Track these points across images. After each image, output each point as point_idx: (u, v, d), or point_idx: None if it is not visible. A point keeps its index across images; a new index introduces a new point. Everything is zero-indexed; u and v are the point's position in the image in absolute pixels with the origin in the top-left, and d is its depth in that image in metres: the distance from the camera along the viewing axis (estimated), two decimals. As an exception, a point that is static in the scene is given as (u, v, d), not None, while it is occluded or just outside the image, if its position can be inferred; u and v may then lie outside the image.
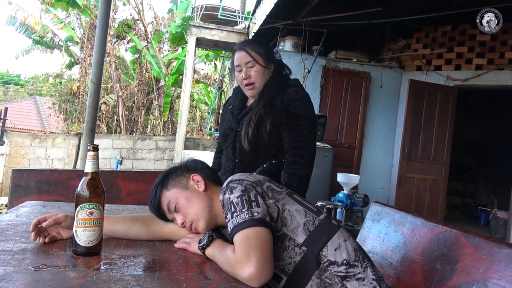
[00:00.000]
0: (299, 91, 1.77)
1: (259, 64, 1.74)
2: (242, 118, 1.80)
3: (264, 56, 1.76)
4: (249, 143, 1.70)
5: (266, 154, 1.74)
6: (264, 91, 1.76)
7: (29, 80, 26.93)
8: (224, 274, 1.03)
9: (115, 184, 2.20)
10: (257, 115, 1.70)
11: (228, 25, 7.81)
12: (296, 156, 1.70)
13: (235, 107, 1.87)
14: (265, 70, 1.77)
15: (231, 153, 1.82)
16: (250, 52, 1.75)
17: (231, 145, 1.82)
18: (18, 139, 9.03)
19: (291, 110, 1.71)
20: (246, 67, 1.75)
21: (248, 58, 1.74)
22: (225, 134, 1.88)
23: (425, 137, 5.99)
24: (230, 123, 1.86)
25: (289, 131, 1.72)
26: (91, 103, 3.85)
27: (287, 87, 1.77)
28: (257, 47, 1.78)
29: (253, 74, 1.74)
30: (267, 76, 1.77)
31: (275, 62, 1.81)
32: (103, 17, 3.85)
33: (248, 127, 1.70)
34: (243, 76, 1.76)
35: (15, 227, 1.27)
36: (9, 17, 11.10)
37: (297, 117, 1.71)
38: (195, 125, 13.66)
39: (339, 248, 1.13)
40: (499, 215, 5.70)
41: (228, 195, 1.13)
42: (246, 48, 1.76)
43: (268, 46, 1.87)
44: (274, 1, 5.08)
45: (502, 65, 5.73)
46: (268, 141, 1.70)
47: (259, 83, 1.76)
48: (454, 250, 1.24)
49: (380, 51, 6.58)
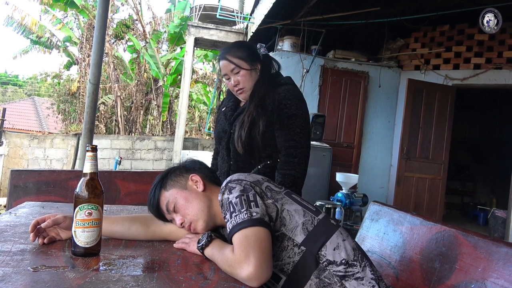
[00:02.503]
0: (290, 89, 1.76)
1: (244, 68, 1.73)
2: (235, 119, 1.79)
3: (246, 59, 1.74)
4: (242, 145, 1.69)
5: (261, 155, 1.74)
6: (255, 91, 1.75)
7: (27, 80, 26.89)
8: (223, 274, 1.03)
9: (114, 185, 2.19)
10: (250, 117, 1.69)
11: (227, 25, 7.81)
12: (289, 156, 1.69)
13: (228, 108, 1.86)
14: (252, 72, 1.75)
15: (226, 155, 1.81)
16: (232, 59, 1.73)
17: (225, 147, 1.82)
18: (17, 140, 9.01)
19: (283, 109, 1.70)
20: (233, 74, 1.74)
21: (231, 65, 1.73)
22: (219, 136, 1.88)
23: (424, 136, 6.00)
24: (223, 125, 1.85)
25: (281, 130, 1.71)
26: (89, 104, 3.85)
27: (278, 85, 1.76)
28: (238, 51, 1.75)
29: (241, 79, 1.74)
30: (255, 76, 1.76)
31: (260, 60, 1.79)
32: (101, 17, 3.85)
33: (241, 130, 1.70)
34: (232, 83, 1.76)
35: (14, 228, 1.27)
36: (7, 17, 11.08)
37: (289, 116, 1.70)
38: (193, 125, 13.66)
39: (338, 248, 1.13)
40: (498, 214, 5.70)
41: (227, 195, 1.13)
42: (226, 56, 1.75)
43: (249, 47, 1.83)
44: (272, 1, 5.08)
45: (500, 64, 5.74)
46: (261, 142, 1.70)
47: (248, 86, 1.75)
48: (452, 249, 1.25)
49: (379, 50, 6.59)
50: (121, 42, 12.19)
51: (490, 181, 8.04)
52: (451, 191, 7.59)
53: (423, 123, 5.99)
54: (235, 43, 1.95)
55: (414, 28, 6.24)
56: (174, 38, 11.12)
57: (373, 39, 6.61)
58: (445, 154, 6.04)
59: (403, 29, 6.18)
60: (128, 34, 11.42)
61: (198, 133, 13.12)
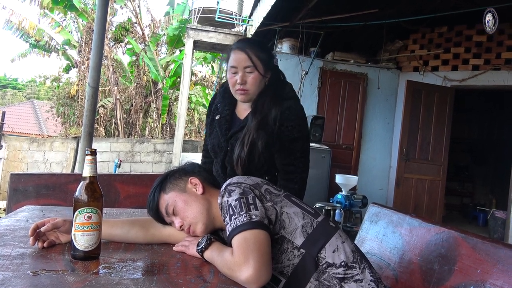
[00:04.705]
0: (293, 107, 1.65)
1: (259, 71, 1.59)
2: (231, 136, 1.68)
3: (264, 63, 1.61)
4: (242, 167, 1.61)
5: (259, 172, 1.64)
6: (257, 105, 1.63)
7: (26, 83, 26.88)
8: (222, 276, 1.03)
9: (113, 188, 2.19)
10: (250, 139, 1.59)
11: (225, 27, 7.82)
12: (288, 181, 1.65)
13: (223, 119, 1.73)
14: (263, 78, 1.63)
15: (221, 172, 1.72)
16: (252, 56, 1.58)
17: (220, 164, 1.72)
18: (16, 143, 9.01)
19: (284, 132, 1.61)
20: (244, 72, 1.59)
21: (248, 62, 1.58)
22: (214, 151, 1.76)
23: (423, 137, 6.01)
24: (218, 139, 1.73)
25: (280, 153, 1.65)
26: (89, 107, 3.85)
27: (281, 99, 1.65)
28: (260, 51, 1.61)
29: (250, 80, 1.59)
30: (262, 85, 1.63)
31: (272, 70, 1.67)
32: (100, 21, 3.86)
33: (241, 152, 1.60)
34: (238, 80, 1.59)
35: (13, 231, 1.27)
36: (5, 21, 11.09)
37: (290, 140, 1.62)
38: (193, 128, 13.68)
39: (337, 250, 1.13)
40: (498, 214, 5.71)
41: (227, 198, 1.13)
42: (247, 50, 1.59)
43: (269, 50, 1.74)
44: (271, 3, 5.09)
45: (499, 66, 5.75)
46: (259, 161, 1.62)
47: (254, 91, 1.62)
48: (451, 250, 1.25)
49: (377, 52, 6.60)
50: (120, 45, 12.21)
51: (490, 182, 8.04)
52: (451, 192, 7.59)
53: (422, 125, 6.00)
54: (257, 41, 1.79)
55: (413, 30, 6.26)
56: (173, 41, 11.14)
57: (372, 41, 6.63)
58: (444, 155, 6.05)
59: (402, 30, 6.20)
60: (127, 37, 11.43)
61: (197, 135, 13.13)
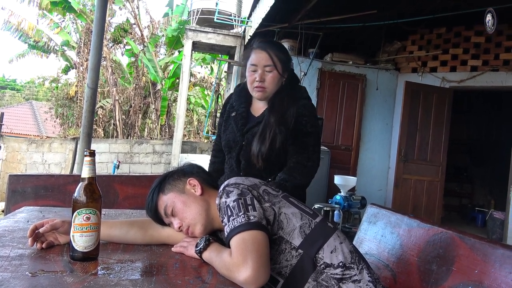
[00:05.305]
0: (307, 106, 1.75)
1: (278, 70, 1.68)
2: (248, 131, 1.74)
3: (283, 63, 1.71)
4: (263, 161, 1.66)
5: (273, 168, 1.71)
6: (274, 104, 1.71)
7: (25, 84, 26.83)
8: (221, 277, 1.03)
9: (112, 189, 2.19)
10: (272, 133, 1.64)
11: (224, 28, 7.83)
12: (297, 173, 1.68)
13: (239, 115, 1.79)
14: (280, 78, 1.71)
15: (235, 167, 1.77)
16: (272, 55, 1.68)
17: (235, 158, 1.77)
18: (15, 144, 9.00)
19: (299, 126, 1.69)
20: (263, 70, 1.68)
21: (268, 61, 1.67)
22: (228, 146, 1.81)
23: (422, 138, 6.02)
24: (234, 134, 1.78)
25: (294, 146, 1.70)
26: (87, 108, 3.84)
27: (297, 99, 1.74)
28: (279, 52, 1.72)
29: (269, 79, 1.68)
30: (279, 84, 1.72)
31: (289, 72, 1.76)
32: (99, 22, 3.85)
33: (261, 145, 1.64)
34: (257, 78, 1.68)
35: (12, 233, 1.27)
36: (4, 22, 11.08)
37: (304, 134, 1.70)
38: (192, 129, 13.68)
39: (335, 251, 1.14)
40: (496, 215, 5.72)
41: (225, 199, 1.13)
42: (268, 50, 1.69)
43: (288, 52, 1.82)
44: (270, 5, 5.10)
45: (497, 67, 5.77)
46: (275, 157, 1.68)
47: (271, 89, 1.70)
48: (449, 251, 1.25)
49: (376, 53, 6.62)
50: (119, 46, 12.20)
51: (488, 183, 8.05)
52: (449, 193, 7.60)
53: (420, 125, 6.01)
54: (277, 43, 1.89)
55: (411, 31, 6.27)
56: (172, 42, 11.14)
57: (371, 41, 6.64)
58: (443, 156, 6.06)
59: (400, 31, 6.21)
60: (126, 38, 11.43)
61: (196, 136, 13.13)
